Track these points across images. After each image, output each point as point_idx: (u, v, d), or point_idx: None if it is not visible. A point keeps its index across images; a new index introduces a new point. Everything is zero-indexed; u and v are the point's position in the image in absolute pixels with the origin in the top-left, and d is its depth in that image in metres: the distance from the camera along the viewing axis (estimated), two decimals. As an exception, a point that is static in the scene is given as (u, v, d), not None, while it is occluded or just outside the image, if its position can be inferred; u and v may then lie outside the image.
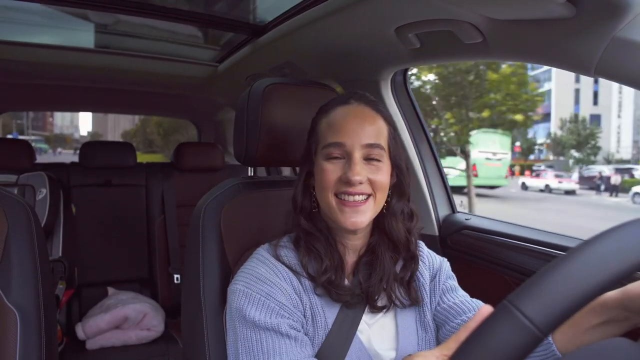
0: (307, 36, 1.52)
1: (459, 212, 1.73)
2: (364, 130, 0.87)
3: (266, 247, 0.93)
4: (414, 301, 0.95)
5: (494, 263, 1.42)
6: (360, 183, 0.85)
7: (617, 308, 0.73)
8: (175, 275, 2.50)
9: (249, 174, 1.21)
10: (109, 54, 2.18)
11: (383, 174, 0.88)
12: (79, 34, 2.16)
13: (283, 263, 0.89)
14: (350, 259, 0.94)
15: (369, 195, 0.87)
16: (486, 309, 0.55)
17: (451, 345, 0.58)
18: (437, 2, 1.04)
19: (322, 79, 1.63)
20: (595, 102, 34.39)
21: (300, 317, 0.86)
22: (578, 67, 0.94)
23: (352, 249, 0.94)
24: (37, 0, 1.57)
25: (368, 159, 0.87)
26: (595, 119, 32.44)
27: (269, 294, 0.84)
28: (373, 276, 0.92)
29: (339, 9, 1.26)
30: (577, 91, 34.60)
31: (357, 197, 0.86)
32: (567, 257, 0.50)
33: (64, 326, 2.32)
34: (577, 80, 33.18)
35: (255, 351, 0.80)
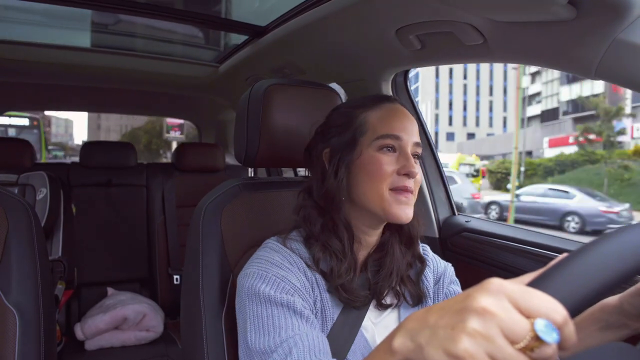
0: (308, 37, 1.52)
1: (459, 214, 1.73)
2: (413, 128, 0.90)
3: (276, 238, 0.92)
4: (420, 298, 0.95)
5: (494, 265, 1.42)
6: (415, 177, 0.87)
7: (616, 313, 0.74)
8: (175, 276, 2.50)
9: (250, 175, 1.21)
10: (110, 54, 2.18)
11: (421, 173, 0.90)
12: (80, 34, 2.16)
13: (295, 253, 0.88)
14: (361, 255, 0.94)
15: (411, 192, 0.88)
16: None
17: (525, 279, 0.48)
18: (438, 4, 1.04)
19: (322, 79, 1.63)
20: (450, 123, 52.03)
21: (312, 304, 0.85)
22: (578, 69, 0.94)
23: (366, 245, 0.94)
24: (41, 0, 1.57)
25: (413, 155, 0.89)
26: (451, 136, 50.96)
27: (285, 277, 0.82)
28: (382, 272, 0.92)
29: (340, 10, 1.26)
30: (436, 115, 51.07)
31: (408, 191, 0.87)
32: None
33: (63, 326, 2.32)
34: (437, 107, 50.32)
35: (266, 326, 0.77)
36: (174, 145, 17.12)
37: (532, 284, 0.42)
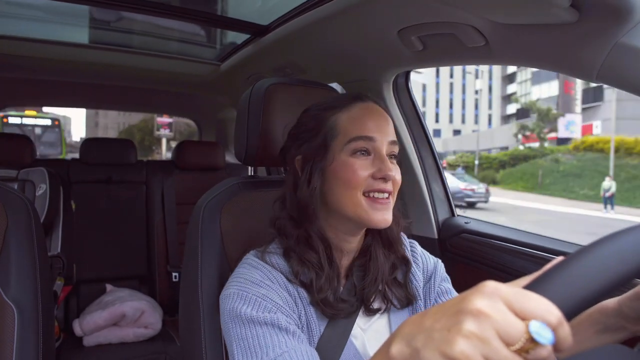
0: (310, 37, 1.52)
1: (458, 215, 1.73)
2: (388, 127, 0.86)
3: (254, 253, 0.90)
4: (409, 300, 0.93)
5: (493, 267, 1.42)
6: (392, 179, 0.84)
7: (614, 316, 0.74)
8: (174, 273, 2.50)
9: (250, 174, 1.21)
10: (111, 51, 2.18)
11: (399, 174, 0.87)
12: (81, 30, 2.16)
13: (275, 269, 0.85)
14: (344, 262, 0.92)
15: (390, 193, 0.85)
16: None
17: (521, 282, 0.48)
18: (440, 5, 1.04)
19: (324, 79, 1.63)
20: (437, 120, 53.73)
21: (297, 320, 0.83)
22: (580, 72, 0.94)
23: (348, 251, 0.92)
24: None
25: (389, 156, 0.86)
26: (437, 132, 52.30)
27: (265, 295, 0.80)
28: (368, 277, 0.90)
29: (342, 11, 1.26)
30: (424, 113, 48.74)
31: (386, 194, 0.84)
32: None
33: (62, 322, 2.32)
34: (424, 105, 51.30)
35: (252, 347, 0.74)
36: (164, 141, 19.24)
37: (529, 286, 0.43)
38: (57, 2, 1.64)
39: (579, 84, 23.47)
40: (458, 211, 1.75)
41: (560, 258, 0.45)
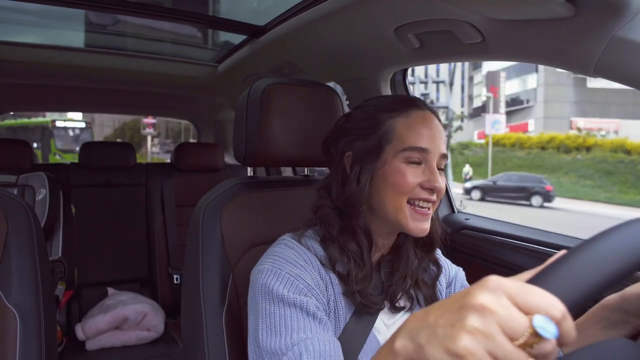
0: (307, 36, 1.52)
1: (458, 212, 1.73)
2: (441, 140, 0.87)
3: (291, 235, 0.90)
4: (434, 302, 0.94)
5: (493, 263, 1.42)
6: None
7: (617, 311, 0.74)
8: (175, 276, 2.50)
9: (249, 174, 1.21)
10: (108, 54, 2.17)
11: (444, 183, 0.88)
12: (77, 34, 2.16)
13: (310, 251, 0.86)
14: (375, 257, 0.93)
15: (433, 203, 0.86)
16: None
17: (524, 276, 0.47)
18: (437, 3, 1.04)
19: (321, 78, 1.63)
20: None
21: (325, 304, 0.83)
22: (577, 66, 0.94)
23: (381, 247, 0.93)
24: (37, 1, 1.57)
25: (438, 168, 0.87)
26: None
27: (299, 275, 0.80)
28: (396, 275, 0.91)
29: (339, 9, 1.26)
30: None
31: (430, 205, 0.85)
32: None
33: (64, 327, 2.32)
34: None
35: (278, 327, 0.75)
36: (149, 139, 22.82)
37: (531, 280, 0.42)
38: (53, 7, 1.64)
39: (502, 89, 26.30)
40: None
41: (562, 252, 0.45)
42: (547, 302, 0.39)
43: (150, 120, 21.21)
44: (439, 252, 1.03)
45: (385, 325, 0.90)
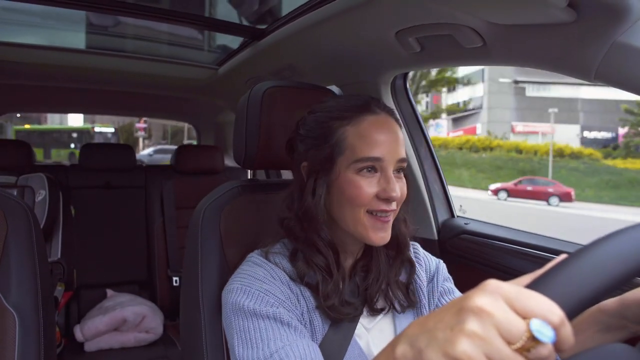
0: (307, 39, 1.52)
1: (458, 216, 1.72)
2: (397, 145, 0.84)
3: (258, 251, 0.90)
4: (412, 304, 0.93)
5: (493, 268, 1.42)
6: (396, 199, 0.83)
7: (615, 316, 0.74)
8: (174, 278, 2.50)
9: (249, 177, 1.21)
10: (109, 56, 2.18)
11: (405, 186, 0.87)
12: (79, 36, 2.16)
13: (278, 267, 0.86)
14: (348, 262, 0.93)
15: (393, 212, 0.85)
16: None
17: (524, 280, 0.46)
18: (438, 7, 1.04)
19: (322, 82, 1.63)
20: None
21: (299, 316, 0.83)
22: (578, 72, 0.94)
23: (351, 253, 0.93)
24: (36, 2, 1.57)
25: (396, 170, 0.85)
26: None
27: (268, 291, 0.80)
28: (370, 277, 0.91)
29: (339, 13, 1.26)
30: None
31: (389, 214, 0.84)
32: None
33: (63, 328, 2.31)
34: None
35: (254, 339, 0.74)
36: (140, 140, 26.35)
37: (530, 285, 0.42)
38: (54, 8, 1.64)
39: (443, 97, 29.93)
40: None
41: (562, 256, 0.45)
42: (545, 306, 0.39)
43: (141, 124, 24.59)
44: (418, 247, 1.02)
45: (366, 329, 0.90)
